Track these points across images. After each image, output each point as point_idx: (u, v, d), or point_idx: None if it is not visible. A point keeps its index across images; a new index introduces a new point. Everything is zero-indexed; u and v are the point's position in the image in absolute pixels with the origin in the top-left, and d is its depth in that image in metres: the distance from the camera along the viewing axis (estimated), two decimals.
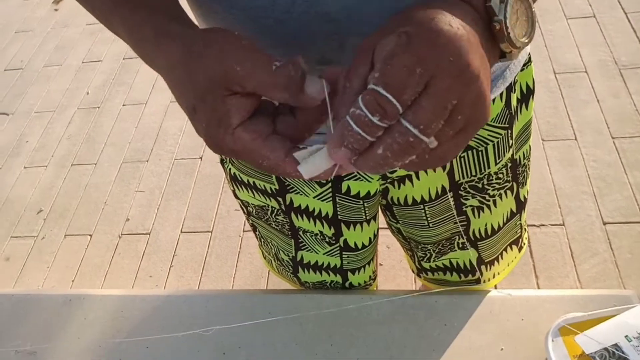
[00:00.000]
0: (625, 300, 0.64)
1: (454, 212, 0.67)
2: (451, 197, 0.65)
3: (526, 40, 0.38)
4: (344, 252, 0.74)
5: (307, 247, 0.75)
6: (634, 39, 1.98)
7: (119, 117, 2.21)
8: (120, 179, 1.95)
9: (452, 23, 0.32)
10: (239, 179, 0.69)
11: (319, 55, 0.46)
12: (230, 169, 0.69)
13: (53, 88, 2.43)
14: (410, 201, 0.67)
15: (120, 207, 1.85)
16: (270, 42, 0.46)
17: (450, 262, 0.76)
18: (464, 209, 0.67)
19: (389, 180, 0.65)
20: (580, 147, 1.68)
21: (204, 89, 0.35)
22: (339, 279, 0.78)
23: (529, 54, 0.61)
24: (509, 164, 0.65)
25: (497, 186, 0.66)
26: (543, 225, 1.51)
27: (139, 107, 2.22)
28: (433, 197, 0.65)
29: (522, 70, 0.59)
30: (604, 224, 1.49)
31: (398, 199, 0.68)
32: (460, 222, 0.69)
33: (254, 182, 0.67)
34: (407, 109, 0.31)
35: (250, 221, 0.79)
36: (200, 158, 1.95)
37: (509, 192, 0.68)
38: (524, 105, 0.63)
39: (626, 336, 0.56)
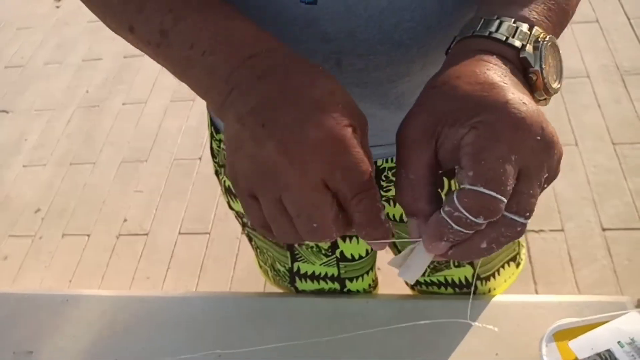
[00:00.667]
0: (620, 306, 0.64)
1: None
2: None
3: (558, 86, 0.37)
4: (340, 263, 0.74)
5: (303, 259, 0.74)
6: (636, 45, 1.98)
7: (119, 117, 2.20)
8: (119, 178, 1.95)
9: (524, 99, 0.31)
10: (234, 191, 0.68)
11: None
12: (224, 181, 0.69)
13: (53, 86, 2.43)
14: (405, 218, 0.67)
15: (118, 207, 1.85)
16: None
17: (445, 279, 0.76)
18: None
19: (384, 199, 0.65)
20: (581, 153, 1.68)
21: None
22: (337, 286, 0.78)
23: None
24: None
25: None
26: (542, 230, 1.51)
27: (138, 107, 2.22)
28: None
29: None
30: (603, 230, 1.49)
31: (394, 215, 0.68)
32: None
33: None
34: (509, 200, 0.30)
35: (246, 231, 0.79)
36: (200, 159, 1.95)
37: None
38: None
39: (619, 342, 0.56)
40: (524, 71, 0.35)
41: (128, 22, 0.39)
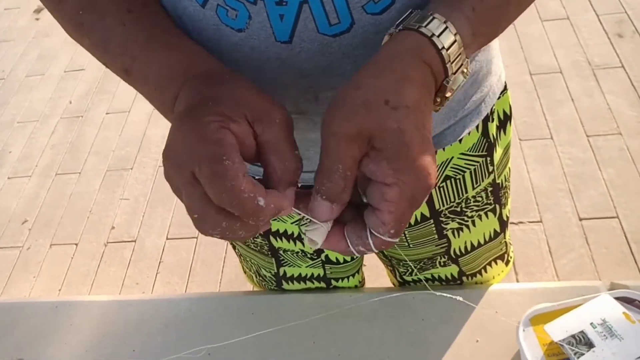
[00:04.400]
0: (594, 290, 0.66)
1: (436, 236, 0.68)
2: (432, 224, 0.66)
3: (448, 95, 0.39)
4: (326, 265, 0.75)
5: (289, 263, 0.75)
6: (605, 40, 2.03)
7: (103, 126, 2.20)
8: (105, 187, 1.95)
9: (434, 170, 0.35)
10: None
11: (294, 105, 0.47)
12: None
13: (36, 98, 2.41)
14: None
15: (105, 215, 1.85)
16: None
17: (432, 276, 0.77)
18: (445, 232, 0.68)
19: None
20: (557, 146, 1.72)
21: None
22: (323, 285, 0.79)
23: (505, 82, 0.62)
24: (490, 189, 0.66)
25: (476, 208, 0.67)
26: (521, 222, 1.54)
27: (122, 116, 2.22)
28: (413, 223, 0.66)
29: (498, 99, 0.60)
30: (580, 219, 1.52)
31: None
32: (441, 244, 0.70)
33: None
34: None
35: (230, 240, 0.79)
36: None
37: (490, 213, 0.69)
38: (502, 131, 0.64)
39: (591, 323, 0.57)
40: (439, 75, 0.37)
41: (103, 60, 0.46)
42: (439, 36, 0.36)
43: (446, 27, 0.36)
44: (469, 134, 0.57)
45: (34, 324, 0.76)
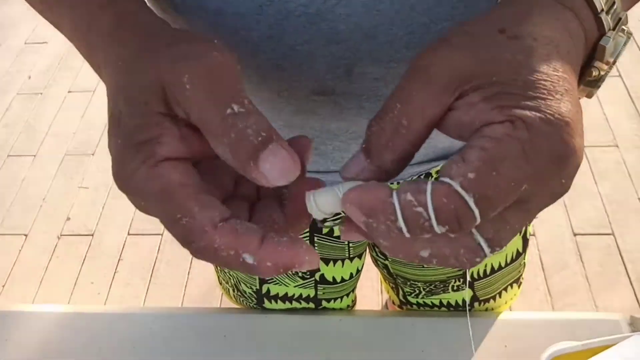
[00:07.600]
0: (614, 325, 0.62)
1: None
2: None
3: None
4: (319, 285, 0.69)
5: (275, 280, 0.68)
6: None
7: (64, 105, 2.12)
8: (62, 173, 1.87)
9: (578, 130, 0.23)
10: None
11: (317, 82, 0.38)
12: None
13: None
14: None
15: (60, 204, 1.78)
16: (252, 62, 0.37)
17: (441, 302, 0.72)
18: None
19: None
20: None
21: (140, 90, 0.25)
22: (311, 306, 0.72)
23: None
24: None
25: None
26: None
27: (86, 95, 2.14)
28: None
29: None
30: (574, 235, 1.52)
31: None
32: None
33: None
34: (487, 222, 0.23)
35: None
36: None
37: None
38: None
39: None
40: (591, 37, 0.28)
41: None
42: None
43: None
44: None
45: None
